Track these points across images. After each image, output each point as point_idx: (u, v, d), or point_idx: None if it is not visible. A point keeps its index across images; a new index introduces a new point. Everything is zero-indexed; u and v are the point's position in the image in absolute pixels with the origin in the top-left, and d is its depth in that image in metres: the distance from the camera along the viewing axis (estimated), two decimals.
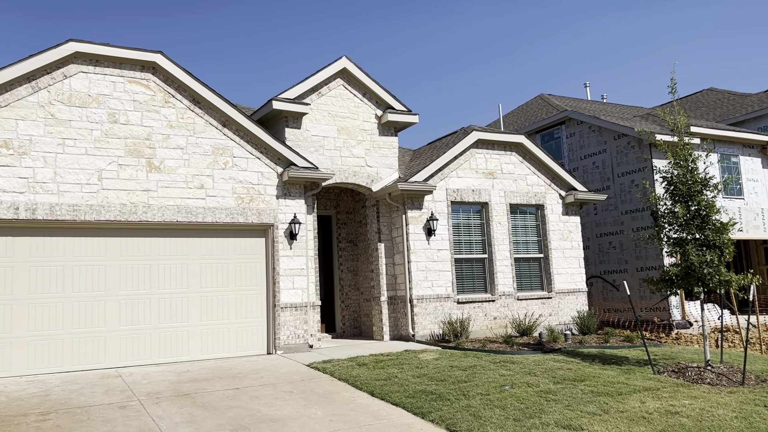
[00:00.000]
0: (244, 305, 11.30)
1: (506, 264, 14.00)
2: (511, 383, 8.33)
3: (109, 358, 10.05)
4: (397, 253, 13.29)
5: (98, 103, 10.33)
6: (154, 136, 10.69)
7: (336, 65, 13.10)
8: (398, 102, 13.67)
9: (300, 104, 12.50)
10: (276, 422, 6.67)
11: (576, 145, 19.03)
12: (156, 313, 10.54)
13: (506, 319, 13.70)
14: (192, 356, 10.67)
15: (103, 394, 7.96)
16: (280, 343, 11.26)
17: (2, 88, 9.61)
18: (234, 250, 11.37)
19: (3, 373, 9.27)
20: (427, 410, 7.00)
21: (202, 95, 11.06)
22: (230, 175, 11.27)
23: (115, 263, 10.32)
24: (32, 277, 9.70)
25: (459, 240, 13.74)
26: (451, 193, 13.66)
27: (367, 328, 14.02)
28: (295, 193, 11.86)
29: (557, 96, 23.23)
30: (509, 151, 14.61)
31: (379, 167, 13.48)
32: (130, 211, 10.29)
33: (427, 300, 12.92)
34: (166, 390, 8.19)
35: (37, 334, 9.64)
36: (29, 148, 9.71)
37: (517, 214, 14.57)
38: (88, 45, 10.21)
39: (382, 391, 7.90)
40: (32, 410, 7.15)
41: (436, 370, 9.26)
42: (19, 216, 9.48)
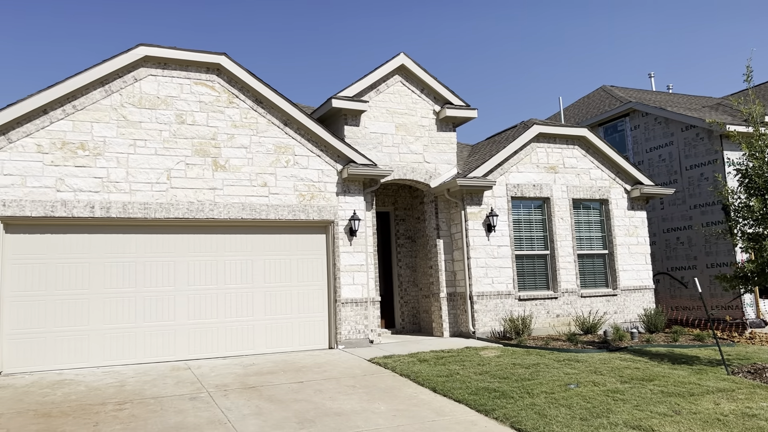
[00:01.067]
0: (306, 300, 11.51)
1: (569, 260, 13.72)
2: (577, 382, 8.17)
3: (178, 351, 10.42)
4: (456, 249, 13.22)
5: (166, 105, 10.71)
6: (219, 136, 11.00)
7: (394, 62, 13.13)
8: (456, 97, 13.59)
9: (358, 102, 12.59)
10: (340, 416, 6.77)
11: (641, 138, 18.43)
12: (222, 308, 10.86)
13: (569, 317, 13.43)
14: (257, 350, 10.94)
15: (174, 386, 8.27)
16: (341, 337, 11.40)
17: (78, 92, 10.09)
18: (296, 247, 11.58)
19: (82, 364, 9.76)
20: (490, 407, 6.95)
21: (265, 95, 11.30)
22: (292, 173, 11.47)
23: (184, 259, 10.69)
24: (107, 273, 10.16)
25: (520, 236, 13.55)
26: (512, 189, 13.48)
27: (426, 324, 14.02)
28: (354, 190, 11.97)
29: (620, 87, 22.55)
30: (571, 144, 14.30)
31: (438, 163, 13.43)
32: (197, 209, 10.63)
33: (487, 297, 12.81)
34: (233, 382, 8.43)
35: (113, 327, 10.10)
36: (103, 149, 10.16)
37: (580, 209, 14.25)
38: (156, 49, 10.60)
39: (444, 388, 7.89)
40: (109, 400, 7.50)
41: (499, 367, 9.17)
42: (94, 214, 9.94)
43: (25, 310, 9.61)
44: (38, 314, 9.69)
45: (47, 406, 7.23)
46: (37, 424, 6.47)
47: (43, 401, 7.46)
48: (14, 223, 9.61)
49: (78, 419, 6.64)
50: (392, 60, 13.13)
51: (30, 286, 9.68)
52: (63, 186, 9.82)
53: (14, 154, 9.62)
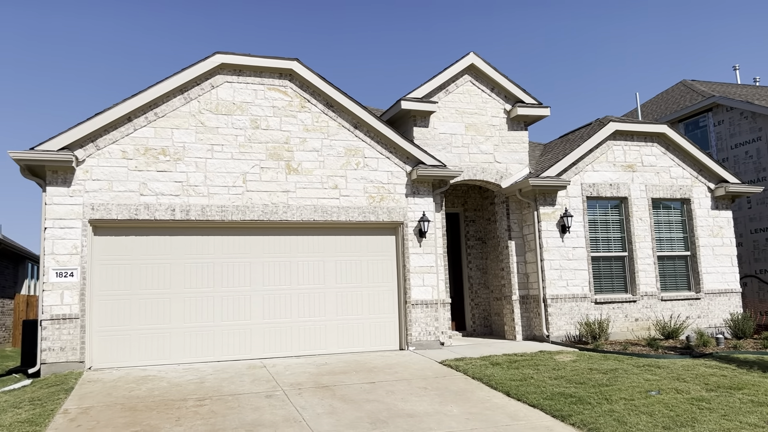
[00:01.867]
0: (376, 301, 11.57)
1: (648, 262, 13.18)
2: (658, 389, 7.82)
3: (254, 349, 10.70)
4: (529, 251, 12.95)
5: (242, 111, 11.04)
6: (292, 140, 11.23)
7: (463, 61, 13.02)
8: (528, 95, 13.33)
9: (427, 103, 12.56)
10: (413, 417, 6.76)
11: (725, 134, 17.50)
12: (295, 308, 11.07)
13: (649, 321, 12.90)
14: (328, 349, 11.09)
15: (250, 383, 8.49)
16: (412, 339, 11.39)
17: (160, 100, 10.55)
18: (366, 248, 11.67)
19: (164, 361, 10.19)
20: (567, 413, 6.76)
21: (335, 99, 11.45)
22: (362, 175, 11.57)
23: (259, 260, 10.97)
24: (187, 273, 10.57)
25: (596, 237, 13.14)
26: (587, 188, 13.09)
27: (497, 327, 13.81)
28: (423, 192, 11.94)
29: (702, 81, 21.49)
30: (650, 142, 13.74)
31: (509, 163, 13.22)
32: (272, 211, 10.89)
33: (561, 300, 12.49)
34: (307, 381, 8.58)
35: (192, 326, 10.48)
36: (183, 154, 10.58)
37: (659, 209, 13.67)
38: (232, 56, 10.94)
39: (518, 392, 7.74)
40: (190, 396, 7.78)
41: (574, 372, 8.92)
42: (175, 217, 10.36)
43: (112, 308, 10.13)
44: (124, 313, 10.18)
45: (133, 400, 7.59)
46: (124, 418, 6.79)
47: (129, 396, 7.82)
48: (102, 225, 10.15)
49: (161, 413, 6.93)
50: (462, 60, 13.02)
51: (116, 285, 10.19)
52: (146, 190, 10.28)
53: (102, 160, 10.16)
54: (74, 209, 9.89)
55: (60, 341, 9.55)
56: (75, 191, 9.95)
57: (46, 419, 6.69)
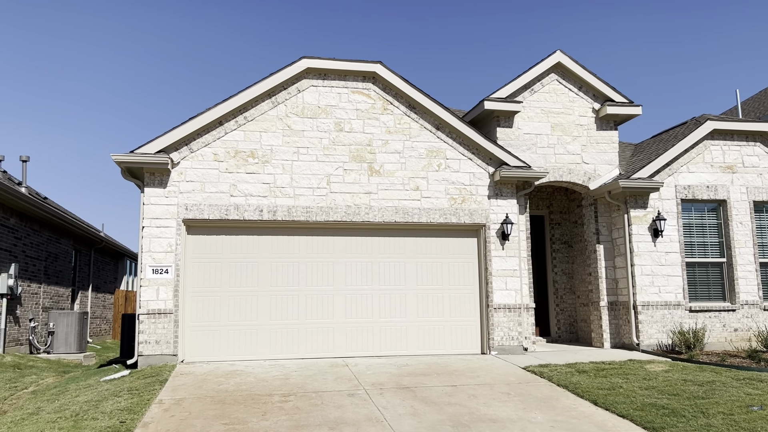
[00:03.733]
0: (457, 304, 11.47)
1: (749, 269, 12.36)
2: (761, 404, 7.30)
3: (336, 348, 10.87)
4: (618, 255, 12.45)
5: (326, 114, 11.25)
6: (374, 142, 11.34)
7: (550, 60, 12.70)
8: (618, 93, 12.82)
9: (512, 102, 12.34)
10: (495, 423, 6.64)
11: None
12: (377, 308, 11.16)
13: (749, 332, 12.09)
14: (409, 351, 11.10)
15: (333, 381, 8.63)
16: (494, 343, 11.21)
17: (249, 104, 10.93)
18: (447, 250, 11.60)
19: (250, 356, 10.53)
20: (659, 425, 6.44)
21: (418, 101, 11.46)
22: (443, 177, 11.51)
23: (341, 260, 11.14)
24: (273, 272, 10.88)
25: (690, 242, 12.45)
26: (681, 190, 12.43)
27: (584, 333, 13.36)
28: (506, 193, 11.73)
29: None
30: (752, 141, 12.89)
31: (597, 164, 12.76)
32: (354, 212, 11.03)
33: (653, 307, 11.92)
34: (388, 382, 8.62)
35: (278, 323, 10.78)
36: (270, 156, 10.91)
37: (763, 212, 12.79)
38: (317, 60, 11.18)
39: (605, 401, 7.45)
40: (275, 391, 8.00)
41: (667, 383, 8.48)
42: (263, 217, 10.70)
43: (203, 304, 10.58)
44: (214, 309, 10.61)
45: (222, 393, 7.89)
46: (213, 410, 7.07)
47: (218, 389, 8.14)
48: (194, 225, 10.62)
49: (248, 407, 7.16)
50: (548, 58, 12.71)
51: (207, 282, 10.64)
52: (235, 191, 10.68)
53: (195, 163, 10.64)
54: (169, 209, 10.41)
55: (155, 335, 10.07)
56: (170, 192, 10.47)
57: (143, 408, 7.07)
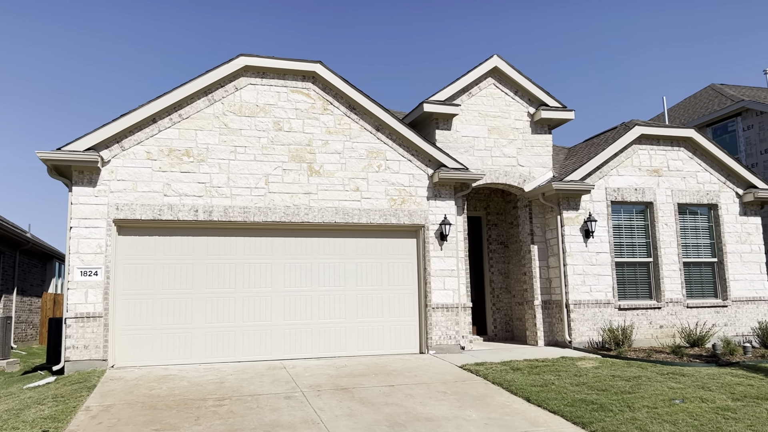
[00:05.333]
0: (396, 304, 11.54)
1: (674, 269, 12.95)
2: (682, 397, 7.67)
3: (274, 351, 10.74)
4: (552, 255, 12.82)
5: (265, 113, 11.11)
6: (314, 142, 11.27)
7: (487, 64, 12.95)
8: (552, 98, 13.20)
9: (450, 105, 12.51)
10: (431, 421, 6.71)
11: (754, 139, 17.15)
12: (316, 310, 11.09)
13: (674, 328, 12.67)
14: (348, 351, 11.09)
15: (269, 384, 8.52)
16: (432, 343, 11.33)
17: (184, 101, 10.67)
18: (387, 251, 11.65)
19: (185, 360, 10.27)
20: (588, 420, 6.66)
21: (358, 101, 11.47)
22: (383, 178, 11.56)
23: (280, 261, 11.02)
24: (209, 274, 10.65)
25: (620, 242, 12.95)
26: (611, 193, 12.91)
27: (519, 332, 13.68)
28: (445, 195, 11.89)
29: (731, 85, 21.10)
30: (676, 146, 13.52)
31: (532, 166, 13.10)
32: (293, 213, 10.93)
33: (584, 305, 12.33)
34: (326, 383, 8.57)
35: (214, 326, 10.56)
36: (206, 155, 10.67)
37: (686, 214, 13.43)
38: (256, 59, 11.02)
39: (538, 398, 7.65)
40: (210, 395, 7.83)
41: (597, 379, 8.78)
42: (198, 217, 10.46)
43: (134, 307, 10.25)
44: (146, 312, 10.30)
45: (153, 399, 7.65)
46: (144, 416, 6.85)
47: (150, 394, 7.90)
48: (126, 225, 10.28)
49: (181, 413, 6.98)
50: (485, 62, 12.95)
51: (139, 285, 10.31)
52: (169, 191, 10.39)
53: (127, 161, 10.30)
54: (99, 209, 10.03)
55: (84, 339, 9.69)
56: (100, 191, 10.09)
57: (68, 416, 6.78)
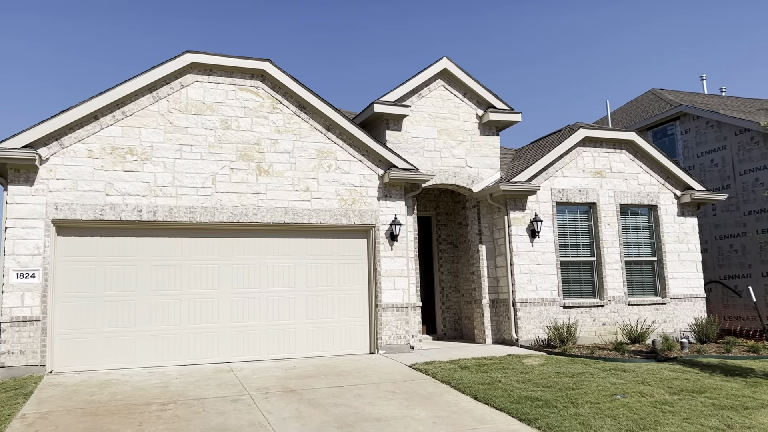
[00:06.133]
0: (347, 305, 11.51)
1: (616, 267, 13.36)
2: (623, 392, 7.92)
3: (221, 353, 10.56)
4: (499, 255, 13.03)
5: (212, 111, 10.90)
6: (263, 141, 11.14)
7: (436, 66, 13.06)
8: (500, 101, 13.42)
9: (400, 106, 12.57)
10: (380, 421, 6.72)
11: (692, 142, 17.86)
12: (264, 311, 10.96)
13: (616, 326, 13.07)
14: (298, 353, 11.00)
15: (216, 387, 8.37)
16: (382, 342, 11.36)
17: (128, 98, 10.37)
18: (337, 251, 11.61)
19: (128, 364, 9.98)
20: (533, 417, 6.80)
21: (308, 101, 11.39)
22: (333, 178, 11.52)
23: (227, 262, 10.84)
24: (153, 275, 10.38)
25: (565, 242, 13.27)
26: (556, 194, 13.22)
27: (468, 330, 13.86)
28: (395, 195, 11.93)
29: (670, 90, 21.92)
30: (619, 149, 13.95)
31: (480, 167, 13.29)
32: (241, 213, 10.77)
33: (531, 304, 12.59)
34: (275, 385, 8.49)
35: (159, 329, 10.30)
36: (151, 154, 10.41)
37: (627, 215, 13.88)
38: (202, 55, 10.81)
39: (485, 396, 7.76)
40: (154, 400, 7.64)
41: (542, 376, 8.98)
42: (141, 218, 10.18)
43: (75, 311, 9.90)
44: (88, 315, 9.96)
45: (94, 404, 7.41)
46: (83, 422, 6.63)
47: (90, 400, 7.65)
48: (66, 226, 9.92)
49: (123, 418, 6.78)
50: (435, 64, 13.06)
51: (80, 287, 9.96)
52: (112, 190, 10.09)
53: (66, 159, 9.94)
54: (37, 209, 9.65)
55: (20, 344, 9.30)
56: (38, 190, 9.71)
57: (2, 425, 6.50)
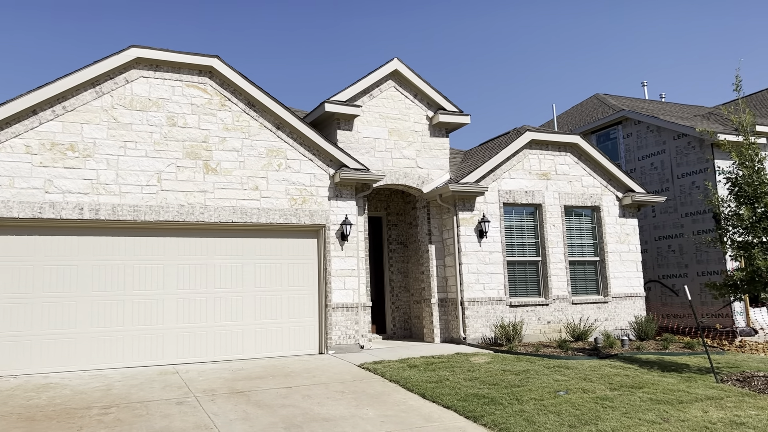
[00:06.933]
0: (296, 305, 11.45)
1: (560, 267, 13.72)
2: (566, 389, 8.14)
3: (167, 355, 10.34)
4: (448, 255, 13.20)
5: (158, 107, 10.66)
6: (211, 139, 10.96)
7: (387, 67, 13.13)
8: (450, 103, 13.59)
9: (352, 106, 12.58)
10: (328, 421, 6.72)
11: (633, 146, 18.50)
12: (212, 312, 10.78)
13: (560, 324, 13.42)
14: (246, 354, 10.87)
15: (161, 390, 8.19)
16: (332, 343, 11.34)
17: (69, 93, 10.03)
18: (287, 251, 11.53)
19: (68, 367, 9.66)
20: (479, 414, 6.92)
21: (257, 98, 11.27)
22: (283, 177, 11.43)
23: (173, 263, 10.62)
24: (95, 275, 10.08)
25: (512, 242, 13.54)
26: (504, 195, 13.48)
27: (417, 329, 13.98)
28: (346, 195, 11.93)
29: (613, 95, 22.65)
30: (564, 151, 14.32)
31: (430, 168, 13.43)
32: (188, 212, 10.57)
33: (478, 303, 12.79)
34: (221, 387, 8.36)
35: (100, 331, 10.00)
36: (93, 150, 10.09)
37: (572, 216, 14.27)
38: (148, 50, 10.55)
39: (433, 394, 7.85)
40: (95, 404, 7.42)
41: (489, 373, 9.14)
42: (83, 216, 9.87)
43: (11, 312, 9.51)
44: (25, 317, 9.59)
45: (31, 409, 7.15)
46: (19, 428, 6.38)
47: (27, 405, 7.36)
48: (1, 224, 9.52)
49: (62, 423, 6.56)
50: (386, 65, 13.12)
51: (17, 288, 9.58)
52: (52, 187, 9.74)
53: (2, 155, 9.54)
54: None
55: None
56: None
57: None
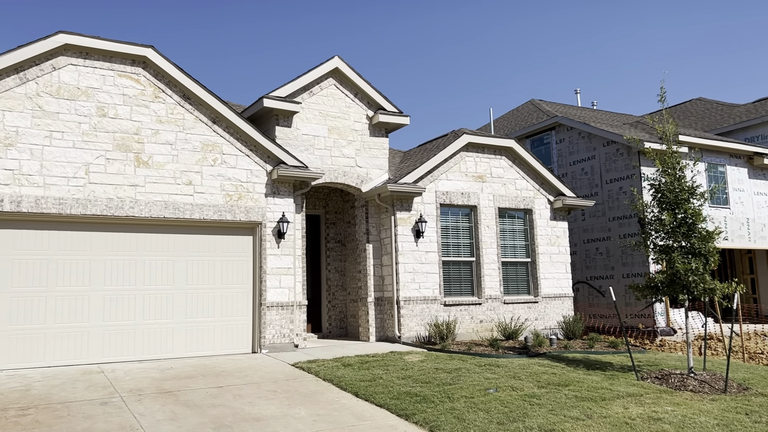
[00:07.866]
0: (230, 303, 11.24)
1: (494, 267, 14.03)
2: (496, 387, 8.34)
3: (92, 354, 9.95)
4: (385, 254, 13.27)
5: (87, 97, 10.24)
6: (143, 131, 10.62)
7: (328, 65, 13.08)
8: (390, 103, 13.66)
9: (291, 103, 12.46)
10: (259, 421, 6.64)
11: (565, 151, 19.12)
12: (141, 310, 10.45)
13: (492, 323, 13.72)
14: (176, 353, 10.59)
15: (84, 390, 7.88)
16: (266, 342, 11.21)
17: None
18: (221, 248, 11.31)
19: None
20: (411, 412, 6.99)
21: (193, 91, 11.00)
22: (219, 172, 11.21)
23: (100, 258, 10.23)
24: (15, 270, 9.59)
25: (447, 242, 13.75)
26: (441, 196, 13.67)
27: (353, 328, 13.99)
28: (284, 192, 11.81)
29: (548, 102, 23.34)
30: (499, 155, 14.65)
31: (369, 168, 13.46)
32: (117, 206, 10.20)
33: (414, 302, 12.92)
34: (149, 387, 8.13)
35: (20, 328, 9.53)
36: (15, 139, 9.60)
37: (505, 218, 14.61)
38: (78, 37, 10.12)
39: (366, 392, 7.88)
40: (12, 405, 7.06)
41: (421, 372, 9.25)
42: (3, 208, 9.37)
43: None
44: None
45: None
46: None
47: None
48: None
49: None
50: (326, 63, 13.07)
51: None
52: None
53: None
54: None
55: None
56: None
57: None
